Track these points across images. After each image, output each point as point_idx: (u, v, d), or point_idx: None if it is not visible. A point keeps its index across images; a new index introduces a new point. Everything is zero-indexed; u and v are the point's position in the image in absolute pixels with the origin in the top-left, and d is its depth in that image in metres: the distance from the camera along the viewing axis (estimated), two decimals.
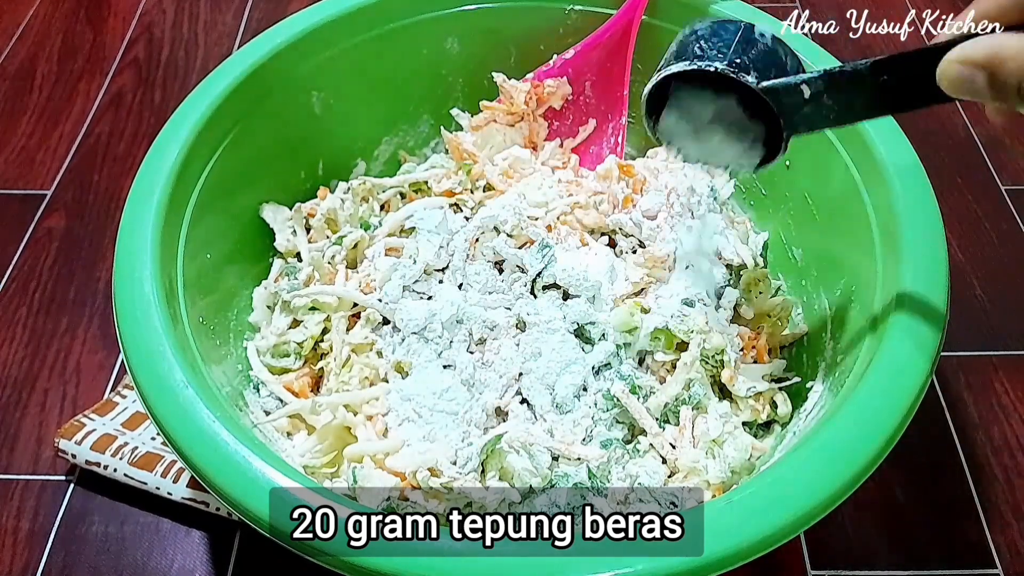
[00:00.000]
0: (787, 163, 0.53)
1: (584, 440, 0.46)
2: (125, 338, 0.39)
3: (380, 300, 0.50)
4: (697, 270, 0.51)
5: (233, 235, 0.50)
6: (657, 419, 0.47)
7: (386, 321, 0.50)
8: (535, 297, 0.50)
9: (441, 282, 0.51)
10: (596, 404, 0.47)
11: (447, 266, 0.52)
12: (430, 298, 0.50)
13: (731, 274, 0.53)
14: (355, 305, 0.51)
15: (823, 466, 0.34)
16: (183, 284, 0.43)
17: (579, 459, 0.44)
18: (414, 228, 0.54)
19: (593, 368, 0.47)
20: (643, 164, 0.57)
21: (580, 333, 0.48)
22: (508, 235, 0.52)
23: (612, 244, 0.54)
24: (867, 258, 0.44)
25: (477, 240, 0.52)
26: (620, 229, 0.54)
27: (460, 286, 0.51)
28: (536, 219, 0.53)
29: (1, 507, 0.51)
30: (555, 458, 0.45)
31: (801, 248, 0.53)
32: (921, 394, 0.36)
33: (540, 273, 0.50)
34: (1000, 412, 0.55)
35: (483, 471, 0.43)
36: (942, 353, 0.38)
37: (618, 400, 0.46)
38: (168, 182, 0.44)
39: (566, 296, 0.50)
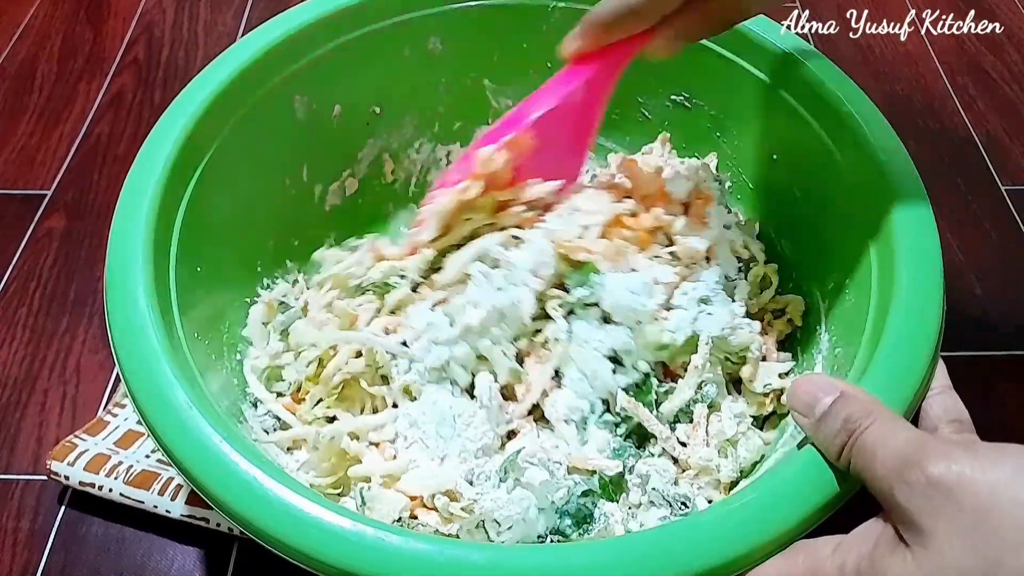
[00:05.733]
0: (774, 156, 0.53)
1: (598, 449, 0.45)
2: (122, 358, 0.38)
3: (405, 344, 0.46)
4: (720, 263, 0.50)
5: (222, 248, 0.49)
6: (670, 422, 0.46)
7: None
8: (570, 315, 0.46)
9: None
10: (608, 413, 0.46)
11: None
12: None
13: (741, 267, 0.53)
14: None
15: (823, 468, 0.34)
16: (177, 299, 0.42)
17: (593, 471, 0.43)
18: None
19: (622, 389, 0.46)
20: (642, 161, 0.57)
21: (614, 357, 0.46)
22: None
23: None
24: (858, 251, 0.44)
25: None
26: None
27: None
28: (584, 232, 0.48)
29: (1, 507, 0.51)
30: (569, 470, 0.43)
31: (790, 241, 0.53)
32: (921, 390, 0.36)
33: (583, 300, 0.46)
34: (1000, 412, 0.55)
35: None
36: (942, 353, 0.38)
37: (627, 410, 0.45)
38: (154, 198, 0.43)
39: (606, 319, 0.46)
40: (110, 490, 0.48)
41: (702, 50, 0.54)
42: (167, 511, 0.48)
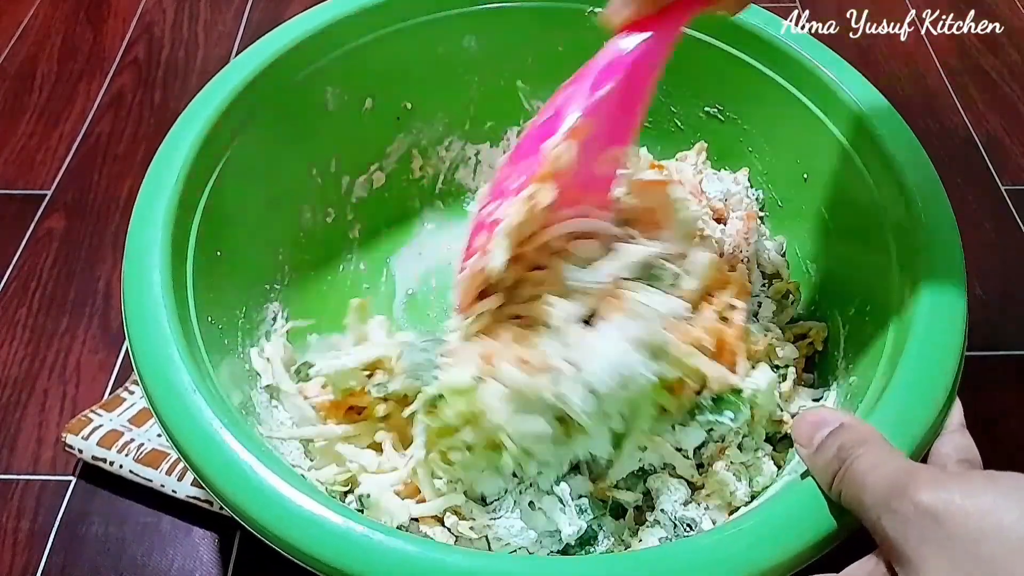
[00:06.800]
0: (805, 176, 0.52)
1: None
2: (134, 340, 0.38)
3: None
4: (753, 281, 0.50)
5: (244, 230, 0.50)
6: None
7: None
8: None
9: None
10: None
11: None
12: None
13: (765, 282, 0.52)
14: None
15: (820, 503, 0.33)
16: (192, 282, 0.42)
17: (614, 500, 0.43)
18: None
19: None
20: (675, 167, 0.55)
21: None
22: None
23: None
24: (883, 278, 0.43)
25: None
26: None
27: None
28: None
29: (1, 507, 0.51)
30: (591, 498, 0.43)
31: (816, 263, 0.52)
32: (931, 430, 0.35)
33: None
34: (1000, 412, 0.55)
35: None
36: None
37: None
38: (179, 180, 0.44)
39: None
40: (120, 466, 0.49)
41: (739, 63, 0.53)
42: (173, 491, 0.49)
